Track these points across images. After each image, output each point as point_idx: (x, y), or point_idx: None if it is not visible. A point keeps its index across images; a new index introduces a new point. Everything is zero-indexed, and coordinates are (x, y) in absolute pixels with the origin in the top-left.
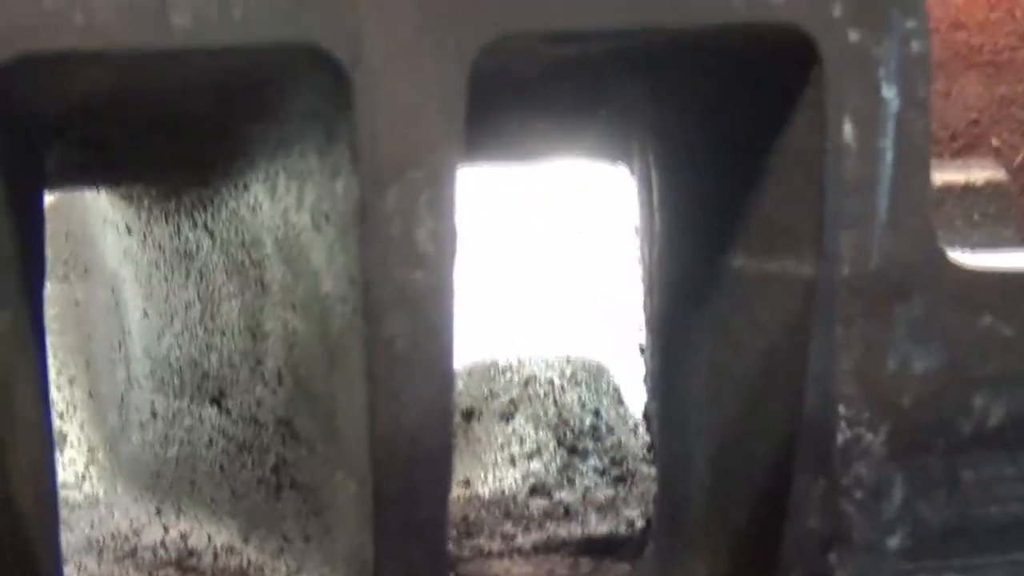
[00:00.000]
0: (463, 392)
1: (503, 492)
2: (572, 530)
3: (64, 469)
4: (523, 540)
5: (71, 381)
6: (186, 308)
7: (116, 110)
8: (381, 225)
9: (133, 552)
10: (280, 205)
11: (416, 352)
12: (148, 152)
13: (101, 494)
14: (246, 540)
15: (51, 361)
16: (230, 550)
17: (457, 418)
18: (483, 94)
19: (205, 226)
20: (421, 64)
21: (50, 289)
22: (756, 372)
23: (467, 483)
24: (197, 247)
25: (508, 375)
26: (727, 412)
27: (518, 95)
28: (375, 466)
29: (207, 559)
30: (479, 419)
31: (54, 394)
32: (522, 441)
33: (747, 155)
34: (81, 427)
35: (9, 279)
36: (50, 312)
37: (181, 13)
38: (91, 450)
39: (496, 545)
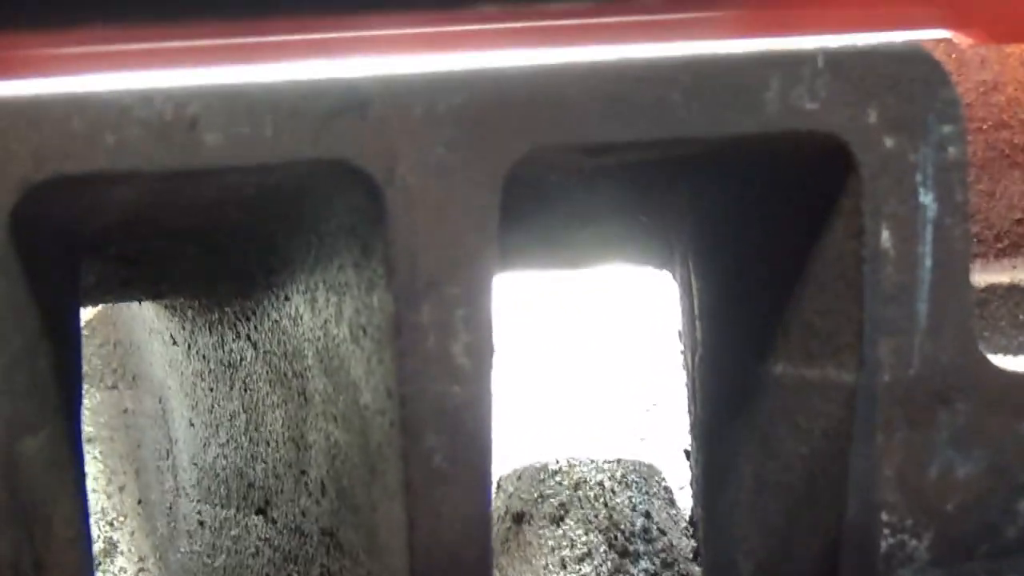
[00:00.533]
0: (513, 495)
1: None
2: None
3: None
4: None
5: (121, 489)
6: (231, 418)
7: (151, 226)
8: (417, 339)
9: None
10: (320, 317)
11: (455, 466)
12: (188, 266)
13: None
14: None
15: (101, 469)
16: None
17: (508, 522)
18: (522, 200)
19: (248, 337)
20: (454, 180)
21: (100, 397)
22: (798, 479)
23: None
24: (241, 358)
25: (558, 478)
26: (770, 519)
27: (558, 202)
28: None
29: None
30: (529, 523)
31: (104, 502)
32: (573, 544)
33: (787, 261)
34: (131, 535)
35: (45, 398)
36: (99, 420)
37: (212, 132)
38: (142, 559)
39: None
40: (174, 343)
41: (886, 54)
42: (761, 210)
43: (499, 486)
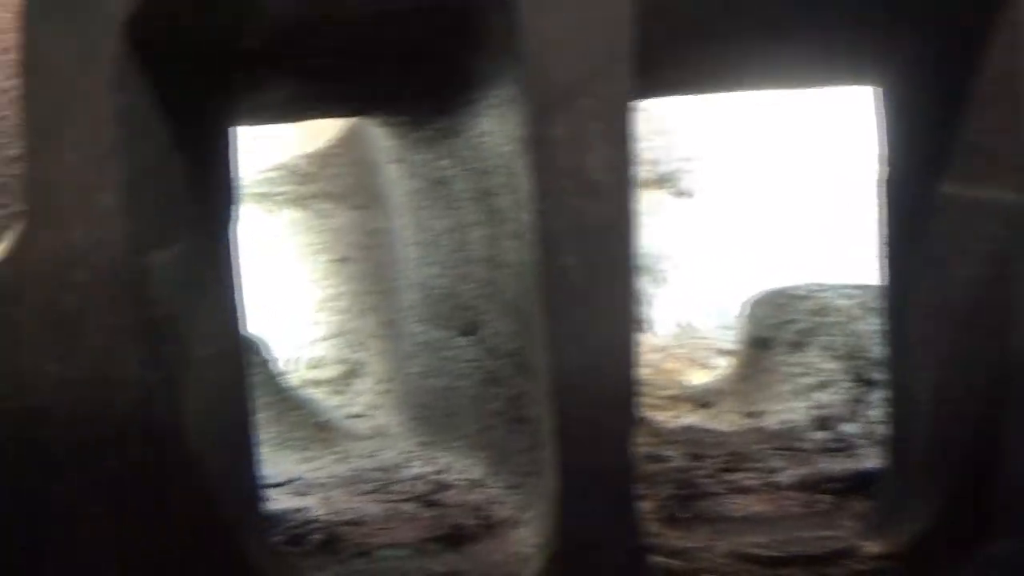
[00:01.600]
0: (756, 320)
1: (787, 424)
2: (845, 465)
3: (356, 399)
4: (783, 476)
5: (367, 310)
6: (442, 237)
7: (327, 39)
8: (550, 154)
9: (385, 486)
10: (502, 133)
11: (593, 285)
12: (377, 82)
13: (385, 425)
14: (492, 474)
15: (349, 289)
16: (476, 485)
17: (749, 348)
18: (713, 12)
19: (452, 154)
20: None
21: (349, 218)
22: (966, 305)
23: (754, 415)
24: (448, 175)
25: (801, 303)
26: (940, 346)
27: (756, 14)
28: (556, 405)
29: (452, 494)
30: (770, 348)
31: (350, 324)
32: (813, 371)
33: (959, 78)
34: (374, 357)
35: (178, 214)
36: (347, 240)
37: None
38: (381, 381)
39: (753, 481)
40: (395, 161)
41: None
42: (940, 22)
43: (743, 311)
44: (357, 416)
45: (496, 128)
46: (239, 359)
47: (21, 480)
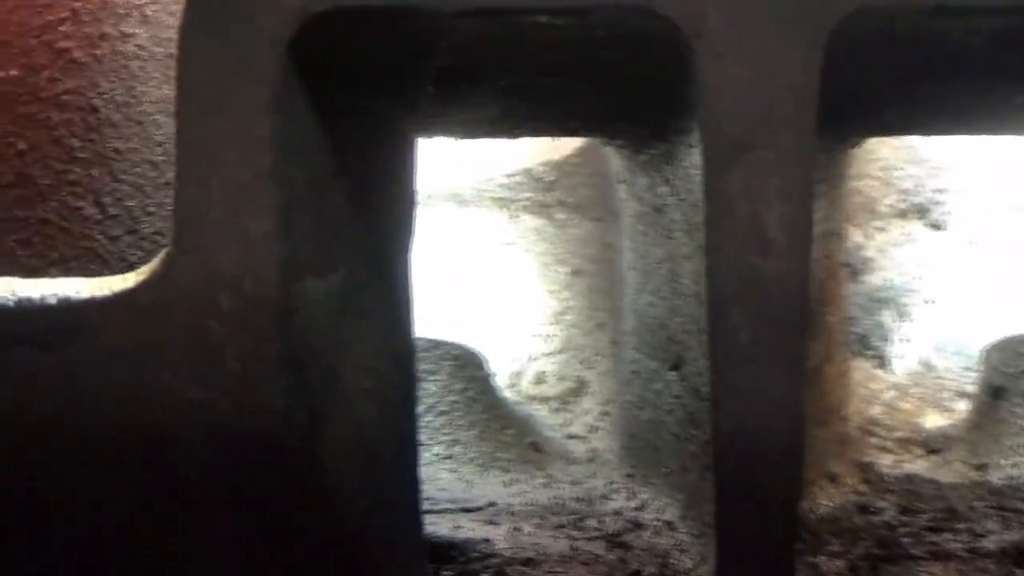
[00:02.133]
0: (992, 367)
1: (1012, 481)
2: None
3: (577, 419)
4: (990, 541)
5: (599, 326)
6: (657, 266)
7: (518, 61)
8: (724, 208)
9: (580, 520)
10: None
11: (762, 344)
12: (578, 103)
13: (600, 450)
14: (683, 518)
15: (580, 304)
16: (668, 527)
17: (984, 396)
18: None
19: (669, 181)
20: (769, 36)
21: (586, 229)
22: None
23: (980, 467)
24: (664, 203)
25: None
26: None
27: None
28: (717, 462)
29: (643, 535)
30: (1006, 398)
31: (581, 339)
32: None
33: None
34: (600, 376)
35: (337, 241)
36: (585, 251)
37: None
38: (605, 402)
39: (956, 544)
40: (621, 181)
41: None
42: None
43: (983, 357)
44: (575, 437)
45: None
46: (398, 393)
47: (150, 503)
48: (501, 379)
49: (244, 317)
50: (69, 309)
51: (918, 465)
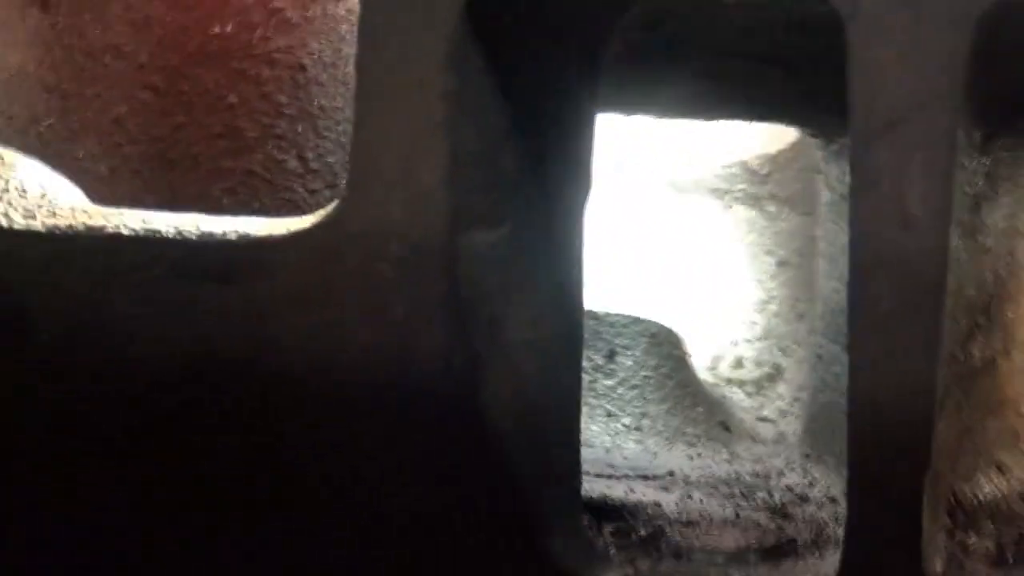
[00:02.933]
0: None
1: None
2: None
3: (769, 403)
4: None
5: (800, 316)
6: (842, 252)
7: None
8: (869, 181)
9: (749, 494)
10: None
11: (900, 317)
12: (773, 89)
13: (788, 433)
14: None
15: (783, 294)
16: (831, 502)
17: None
18: None
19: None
20: (917, 19)
21: (794, 222)
22: None
23: None
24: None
25: None
26: None
27: None
28: (851, 435)
29: (807, 509)
30: None
31: (781, 328)
32: None
33: None
34: (798, 364)
35: (506, 196)
36: (792, 246)
37: None
38: (798, 388)
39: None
40: (818, 172)
41: None
42: None
43: None
44: (765, 420)
45: None
46: (563, 349)
47: (320, 445)
48: (701, 362)
49: (411, 263)
50: (248, 245)
51: None
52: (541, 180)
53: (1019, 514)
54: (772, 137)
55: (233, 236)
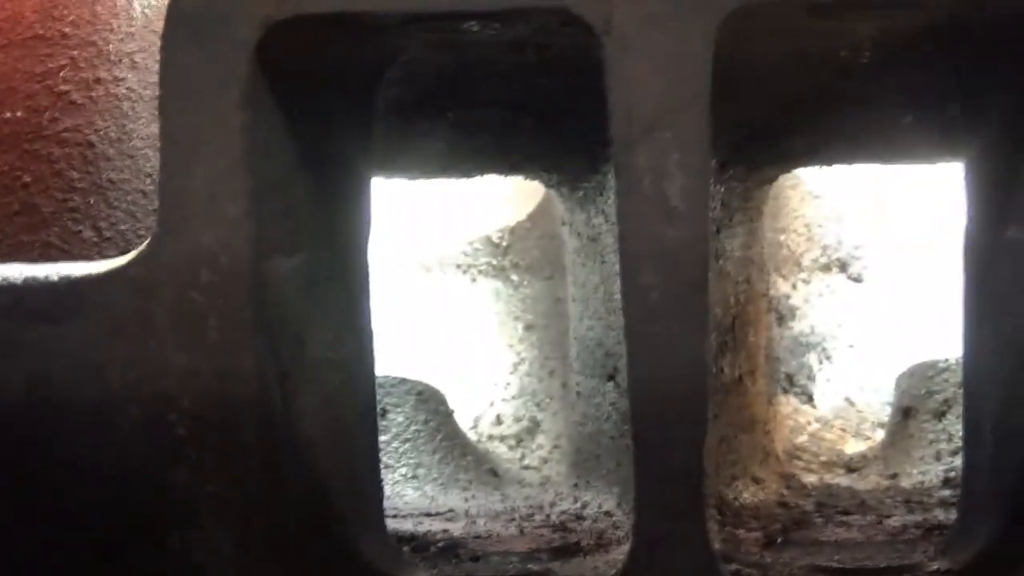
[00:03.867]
0: (905, 392)
1: (919, 484)
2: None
3: (531, 454)
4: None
5: (551, 373)
6: (594, 291)
7: (470, 91)
8: (633, 181)
9: (528, 518)
10: None
11: (670, 303)
12: (528, 139)
13: (552, 475)
14: (619, 504)
15: (535, 355)
16: (606, 515)
17: (897, 416)
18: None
19: (603, 211)
20: (667, 32)
21: (537, 288)
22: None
23: (893, 476)
24: (599, 232)
25: (946, 375)
26: (1005, 380)
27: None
28: (633, 412)
29: (585, 523)
30: (915, 417)
31: (535, 385)
32: (950, 438)
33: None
34: (553, 416)
35: (301, 226)
36: (538, 309)
37: None
38: (557, 436)
39: (863, 522)
40: (563, 223)
41: None
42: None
43: (896, 383)
44: (529, 468)
45: None
46: (358, 366)
47: (149, 458)
48: (463, 422)
49: (222, 289)
50: (70, 284)
51: (838, 479)
52: (329, 211)
53: (778, 514)
54: (511, 210)
55: (55, 278)
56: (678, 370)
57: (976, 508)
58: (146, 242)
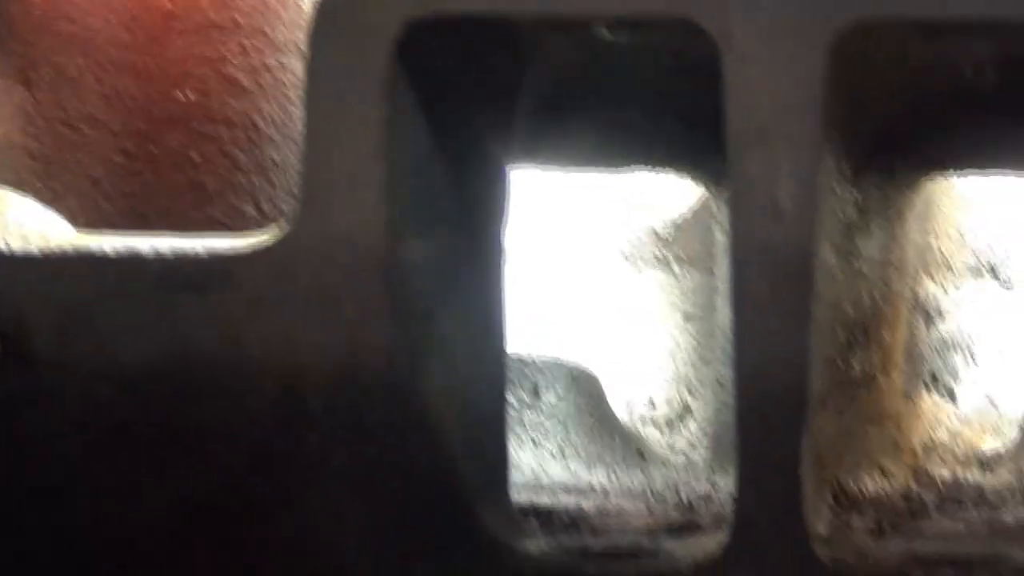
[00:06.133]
0: None
1: None
2: None
3: (680, 438)
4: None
5: (705, 362)
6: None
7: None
8: (745, 186)
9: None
10: None
11: (775, 300)
12: (672, 138)
13: (697, 459)
14: None
15: (691, 343)
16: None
17: None
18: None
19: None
20: (782, 44)
21: (699, 280)
22: None
23: (1021, 475)
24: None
25: None
26: None
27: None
28: (738, 400)
29: (713, 506)
30: None
31: (689, 372)
32: None
33: None
34: (704, 403)
35: (436, 212)
36: (698, 301)
37: None
38: (705, 422)
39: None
40: (713, 219)
41: None
42: None
43: None
44: (677, 451)
45: None
46: (487, 343)
47: (282, 429)
48: (617, 404)
49: (357, 269)
50: (216, 259)
51: (971, 476)
52: (463, 201)
53: (900, 508)
54: (674, 204)
55: (203, 252)
56: (781, 362)
57: None
58: (289, 222)
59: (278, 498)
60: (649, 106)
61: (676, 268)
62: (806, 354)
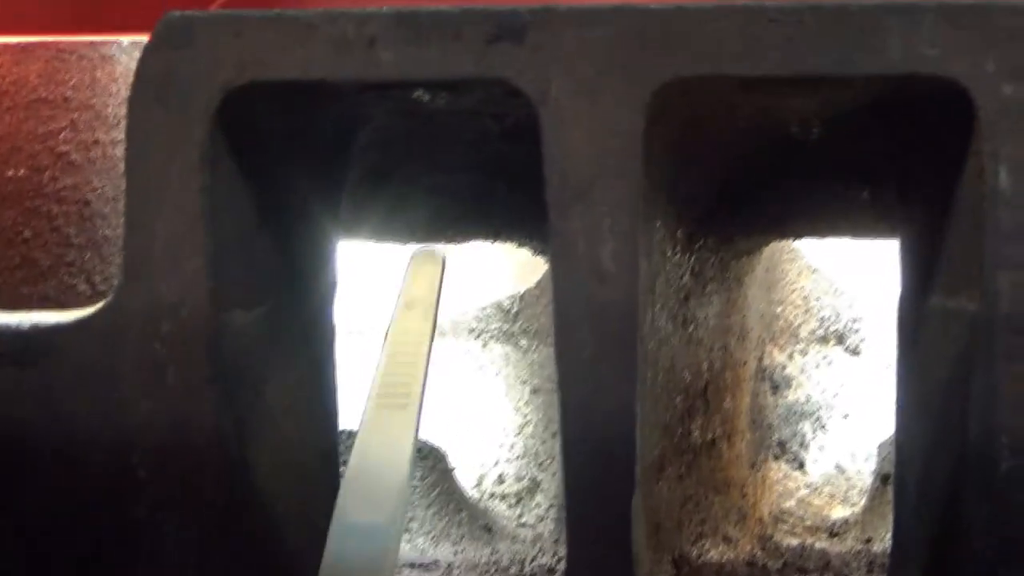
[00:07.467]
0: (883, 459)
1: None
2: None
3: (529, 512)
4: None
5: (554, 435)
6: None
7: (425, 158)
8: (568, 244)
9: (505, 570)
10: None
11: (602, 360)
12: (496, 204)
13: (545, 532)
14: None
15: (539, 417)
16: None
17: (877, 482)
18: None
19: None
20: (600, 102)
21: (545, 353)
22: (940, 402)
23: (867, 541)
24: None
25: None
26: (921, 440)
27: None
28: (566, 466)
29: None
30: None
31: (538, 447)
32: None
33: (937, 203)
34: (553, 476)
35: (260, 282)
36: (544, 373)
37: (387, 50)
38: (554, 496)
39: None
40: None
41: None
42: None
43: (877, 450)
44: (524, 525)
45: None
46: (318, 415)
47: (110, 499)
48: (468, 480)
49: (181, 339)
50: (40, 332)
51: (817, 543)
52: (290, 271)
53: (741, 574)
54: (520, 278)
55: (26, 326)
56: (607, 425)
57: (905, 560)
58: (112, 294)
59: (107, 570)
60: (478, 173)
61: (523, 342)
62: (633, 417)
